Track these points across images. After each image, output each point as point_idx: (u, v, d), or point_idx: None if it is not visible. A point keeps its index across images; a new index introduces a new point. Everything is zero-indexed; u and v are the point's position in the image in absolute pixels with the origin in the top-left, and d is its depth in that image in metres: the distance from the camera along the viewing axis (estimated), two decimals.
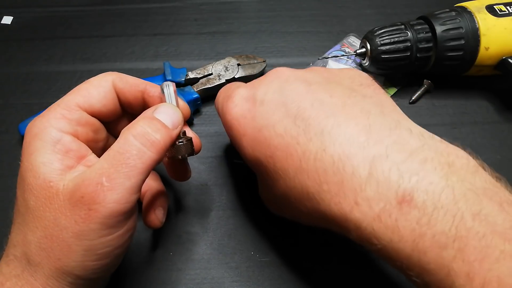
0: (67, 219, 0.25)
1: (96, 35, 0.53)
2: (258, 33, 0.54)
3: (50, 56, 0.51)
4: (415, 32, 0.43)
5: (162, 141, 0.27)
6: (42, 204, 0.25)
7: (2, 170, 0.43)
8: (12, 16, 0.55)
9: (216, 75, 0.47)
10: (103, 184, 0.24)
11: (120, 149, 0.26)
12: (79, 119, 0.29)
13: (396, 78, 0.49)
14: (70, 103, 0.29)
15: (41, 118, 0.28)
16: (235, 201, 0.41)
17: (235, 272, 0.37)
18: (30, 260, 0.25)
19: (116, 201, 0.25)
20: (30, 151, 0.27)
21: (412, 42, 0.43)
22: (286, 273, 0.37)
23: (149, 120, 0.27)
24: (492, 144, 0.45)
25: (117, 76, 0.31)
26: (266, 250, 0.38)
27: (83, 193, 0.25)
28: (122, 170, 0.25)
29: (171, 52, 0.52)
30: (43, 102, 0.47)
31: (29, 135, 0.27)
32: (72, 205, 0.25)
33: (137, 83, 0.32)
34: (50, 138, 0.27)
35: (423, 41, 0.43)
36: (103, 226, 0.25)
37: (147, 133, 0.26)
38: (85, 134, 0.29)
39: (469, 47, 0.42)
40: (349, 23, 0.54)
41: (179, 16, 0.55)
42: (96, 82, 0.31)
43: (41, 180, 0.26)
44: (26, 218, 0.26)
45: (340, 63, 0.50)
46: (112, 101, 0.31)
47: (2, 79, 0.49)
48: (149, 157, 0.26)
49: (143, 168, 0.26)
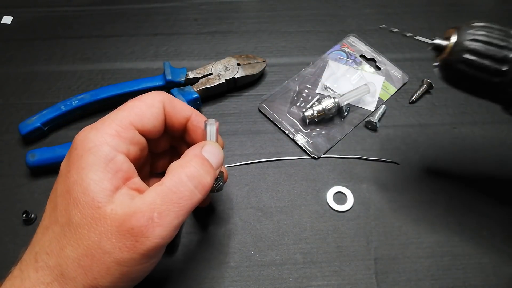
0: (112, 245, 0.25)
1: (96, 35, 0.53)
2: (258, 33, 0.54)
3: (50, 56, 0.51)
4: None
5: (211, 183, 0.28)
6: (88, 223, 0.26)
7: (2, 170, 0.43)
8: (12, 16, 0.55)
9: (216, 75, 0.47)
10: (154, 220, 0.25)
11: (174, 188, 0.27)
12: (132, 138, 0.29)
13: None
14: (125, 121, 0.29)
15: (95, 132, 0.28)
16: (235, 201, 0.41)
17: (235, 271, 0.37)
18: (65, 273, 0.25)
19: (162, 237, 0.26)
20: (82, 165, 0.26)
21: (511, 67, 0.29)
22: (286, 273, 0.37)
23: (201, 161, 0.28)
24: (492, 144, 0.44)
25: (167, 98, 0.32)
26: (266, 250, 0.38)
27: (133, 225, 0.25)
28: (173, 209, 0.26)
29: (171, 52, 0.52)
30: (43, 102, 0.47)
31: (81, 147, 0.27)
32: (120, 234, 0.25)
33: (184, 109, 0.32)
34: (104, 156, 0.27)
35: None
36: (144, 256, 0.26)
37: (200, 175, 0.28)
38: (134, 153, 0.30)
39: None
40: (349, 23, 0.54)
41: (179, 16, 0.55)
42: (149, 102, 0.31)
43: (90, 198, 0.26)
44: (67, 232, 0.26)
45: (340, 63, 0.50)
46: (161, 122, 0.31)
47: (2, 79, 0.49)
48: (198, 199, 0.27)
49: (191, 208, 0.27)
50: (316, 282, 0.37)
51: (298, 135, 0.45)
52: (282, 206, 0.41)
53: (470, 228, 0.40)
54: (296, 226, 0.40)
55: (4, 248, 0.38)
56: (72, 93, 0.48)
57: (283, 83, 0.49)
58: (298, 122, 0.46)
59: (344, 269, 0.37)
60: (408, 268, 0.37)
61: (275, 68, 0.50)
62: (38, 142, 0.44)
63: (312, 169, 0.43)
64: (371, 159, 0.43)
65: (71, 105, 0.44)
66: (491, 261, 0.38)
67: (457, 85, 0.32)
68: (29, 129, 0.43)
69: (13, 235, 0.39)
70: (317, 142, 0.44)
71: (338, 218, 0.40)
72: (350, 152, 0.44)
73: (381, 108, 0.47)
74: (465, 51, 0.29)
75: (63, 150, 0.41)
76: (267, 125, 0.46)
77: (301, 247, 0.39)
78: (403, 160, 0.43)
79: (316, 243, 0.39)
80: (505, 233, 0.39)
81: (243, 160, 0.43)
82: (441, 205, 0.41)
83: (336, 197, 0.41)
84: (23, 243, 0.38)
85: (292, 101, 0.47)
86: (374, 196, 0.41)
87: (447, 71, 0.31)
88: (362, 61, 0.50)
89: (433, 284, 0.37)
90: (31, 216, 0.40)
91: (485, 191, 0.41)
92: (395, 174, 0.43)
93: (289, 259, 0.38)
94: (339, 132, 0.45)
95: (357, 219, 0.40)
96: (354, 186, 0.42)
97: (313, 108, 0.44)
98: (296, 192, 0.42)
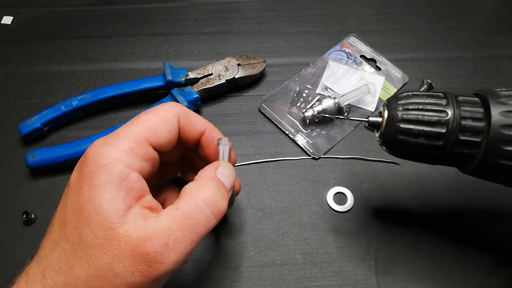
0: (124, 269, 0.25)
1: (96, 35, 0.53)
2: (258, 33, 0.54)
3: (50, 56, 0.51)
4: (460, 114, 0.28)
5: (226, 207, 0.28)
6: (100, 244, 0.25)
7: (2, 170, 0.43)
8: (12, 16, 0.55)
9: (216, 75, 0.47)
10: (168, 246, 0.25)
11: (191, 214, 0.26)
12: (146, 154, 0.28)
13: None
14: (139, 136, 0.28)
15: (109, 147, 0.27)
16: (235, 201, 0.41)
17: (235, 272, 0.37)
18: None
19: (176, 263, 0.25)
20: (95, 182, 0.26)
21: (451, 129, 0.28)
22: (287, 274, 0.37)
23: (217, 185, 0.28)
24: None
25: (182, 112, 0.31)
26: (267, 250, 0.38)
27: (148, 251, 0.25)
28: (188, 236, 0.26)
29: (171, 52, 0.52)
30: (43, 102, 0.47)
31: (94, 164, 0.26)
32: (133, 258, 0.24)
33: (199, 123, 0.32)
34: (117, 174, 0.26)
35: (468, 132, 0.28)
36: (156, 281, 0.25)
37: (217, 200, 0.27)
38: (146, 170, 0.29)
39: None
40: (349, 23, 0.54)
41: (179, 16, 0.55)
42: (164, 115, 0.30)
43: (103, 218, 0.25)
44: (77, 251, 0.25)
45: (340, 63, 0.50)
46: (175, 136, 0.31)
47: (2, 79, 0.49)
48: (213, 224, 0.27)
49: (205, 234, 0.27)
50: (316, 283, 0.37)
51: (298, 136, 0.45)
52: (282, 207, 0.41)
53: (470, 228, 0.40)
54: (296, 226, 0.40)
55: (4, 249, 0.38)
56: (72, 93, 0.48)
57: (283, 83, 0.49)
58: (298, 123, 0.46)
59: (344, 270, 0.37)
60: (408, 268, 0.37)
61: (275, 68, 0.50)
62: (38, 143, 0.44)
63: (312, 170, 0.43)
64: (371, 159, 0.43)
65: (71, 105, 0.44)
66: (491, 261, 0.38)
67: (404, 158, 0.31)
68: (29, 129, 0.43)
69: (13, 235, 0.39)
70: (317, 143, 0.44)
71: (338, 219, 0.40)
72: (350, 153, 0.44)
73: None
74: (398, 132, 0.29)
75: (63, 150, 0.41)
76: (267, 126, 0.46)
77: (301, 248, 0.39)
78: (403, 160, 0.43)
79: (316, 244, 0.39)
80: (504, 232, 0.39)
81: (243, 161, 0.43)
82: (442, 205, 0.41)
83: (336, 198, 0.41)
84: (23, 244, 0.39)
85: (292, 101, 0.47)
86: (374, 196, 0.41)
87: (388, 147, 0.31)
88: (362, 62, 0.50)
89: (433, 285, 0.37)
90: (31, 217, 0.40)
91: (485, 191, 0.41)
92: (395, 174, 0.43)
93: (289, 259, 0.38)
94: (339, 133, 0.45)
95: (357, 220, 0.40)
96: (354, 187, 0.42)
97: (313, 108, 0.44)
98: (296, 192, 0.42)
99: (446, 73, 0.50)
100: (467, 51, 0.52)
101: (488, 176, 0.30)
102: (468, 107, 0.28)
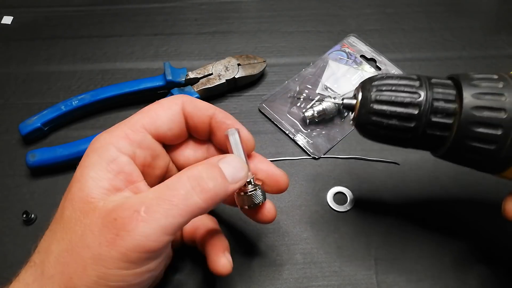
0: (93, 238, 0.24)
1: (96, 35, 0.53)
2: (258, 33, 0.54)
3: (50, 56, 0.51)
4: (432, 96, 0.28)
5: (213, 191, 0.26)
6: (76, 216, 0.25)
7: (2, 170, 0.43)
8: (12, 16, 0.55)
9: (217, 75, 0.47)
10: (139, 213, 0.23)
11: (170, 185, 0.25)
12: (141, 141, 0.28)
13: None
14: (137, 124, 0.29)
15: (106, 133, 0.28)
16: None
17: (235, 272, 0.37)
18: (45, 271, 0.24)
19: (145, 235, 0.23)
20: (86, 164, 0.26)
21: (423, 110, 0.28)
22: (287, 273, 0.37)
23: (209, 167, 0.27)
24: None
25: (188, 99, 0.30)
26: (266, 250, 0.38)
27: (117, 215, 0.24)
28: (163, 206, 0.24)
29: (171, 52, 0.52)
30: (43, 102, 0.47)
31: (90, 148, 0.27)
32: (103, 225, 0.24)
33: (206, 108, 0.30)
34: (106, 156, 0.26)
35: (440, 114, 0.28)
36: (124, 257, 0.23)
37: (201, 177, 0.25)
38: (142, 158, 0.28)
39: (507, 143, 0.27)
40: (349, 23, 0.54)
41: (180, 16, 0.55)
42: (166, 104, 0.30)
43: (84, 194, 0.25)
44: (56, 227, 0.26)
45: (341, 63, 0.50)
46: (179, 125, 0.30)
47: (2, 79, 0.49)
48: (194, 202, 0.25)
49: (184, 211, 0.24)
50: (316, 283, 0.37)
51: (299, 135, 0.45)
52: (282, 206, 0.41)
53: (470, 228, 0.40)
54: (296, 226, 0.40)
55: (4, 248, 0.38)
56: (72, 93, 0.48)
57: (284, 83, 0.49)
58: (299, 122, 0.46)
59: (344, 270, 0.37)
60: (409, 268, 0.37)
61: (275, 68, 0.50)
62: (38, 142, 0.44)
63: (312, 170, 0.43)
64: (371, 159, 0.43)
65: (71, 105, 0.44)
66: (491, 261, 0.38)
67: (377, 141, 0.31)
68: (29, 129, 0.43)
69: (13, 235, 0.39)
70: (317, 143, 0.44)
71: (338, 218, 0.40)
72: (351, 153, 0.44)
73: None
74: (371, 113, 0.28)
75: (63, 150, 0.41)
76: (267, 125, 0.46)
77: (301, 248, 0.39)
78: (403, 160, 0.43)
79: (316, 243, 0.39)
80: (509, 235, 0.39)
81: None
82: (442, 205, 0.41)
83: (336, 198, 0.41)
84: (23, 243, 0.39)
85: (292, 101, 0.47)
86: (374, 196, 0.41)
87: (362, 129, 0.30)
88: (363, 61, 0.50)
89: (433, 285, 0.37)
90: (31, 216, 0.40)
91: (485, 191, 0.41)
92: (395, 174, 0.43)
93: (289, 259, 0.38)
94: (340, 133, 0.45)
95: (357, 219, 0.40)
96: (354, 187, 0.42)
97: (313, 108, 0.44)
98: (296, 192, 0.42)
99: (446, 73, 0.49)
100: (467, 51, 0.52)
101: (459, 159, 0.29)
102: (441, 89, 0.28)
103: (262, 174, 0.31)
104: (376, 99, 0.28)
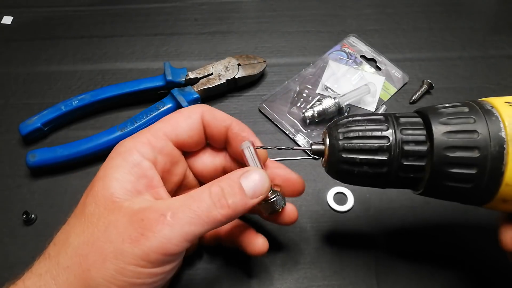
0: (117, 234, 0.25)
1: (96, 35, 0.53)
2: (258, 33, 0.54)
3: (50, 56, 0.51)
4: (402, 139, 0.27)
5: (232, 207, 0.27)
6: (99, 212, 0.26)
7: (2, 170, 0.43)
8: (12, 16, 0.55)
9: (217, 75, 0.47)
10: (166, 217, 0.25)
11: (195, 196, 0.27)
12: (162, 148, 0.30)
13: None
14: (159, 131, 0.30)
15: (130, 139, 0.30)
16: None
17: (235, 272, 0.37)
18: (60, 262, 0.25)
19: (168, 239, 0.25)
20: (110, 165, 0.28)
21: (393, 156, 0.27)
22: (287, 273, 0.37)
23: (231, 183, 0.28)
24: None
25: (207, 109, 0.32)
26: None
27: (145, 216, 0.25)
28: (188, 214, 0.26)
29: (172, 52, 0.52)
30: (43, 102, 0.47)
31: (115, 151, 0.29)
32: (129, 223, 0.25)
33: (224, 118, 0.32)
34: (131, 160, 0.28)
35: (411, 157, 0.27)
36: (145, 256, 0.25)
37: (222, 195, 0.27)
38: (162, 164, 0.30)
39: (486, 166, 0.25)
40: (350, 23, 0.54)
41: (180, 16, 0.55)
42: (186, 113, 0.32)
43: (109, 193, 0.26)
44: (76, 221, 0.27)
45: (341, 63, 0.50)
46: (198, 132, 0.32)
47: (2, 79, 0.49)
48: (214, 216, 0.27)
49: (206, 222, 0.26)
50: (316, 283, 0.37)
51: (299, 136, 0.45)
52: None
53: (470, 228, 0.40)
54: (297, 226, 0.40)
55: (4, 249, 0.38)
56: (72, 93, 0.48)
57: (284, 83, 0.49)
58: (299, 123, 0.46)
59: (344, 269, 0.37)
60: (409, 268, 0.37)
61: (276, 68, 0.50)
62: (39, 143, 0.44)
63: (313, 170, 0.43)
64: None
65: (71, 105, 0.44)
66: (491, 261, 0.38)
67: (352, 184, 0.30)
68: (30, 129, 0.43)
69: (13, 235, 0.39)
70: None
71: (338, 219, 0.40)
72: None
73: (381, 108, 0.47)
74: (340, 162, 0.28)
75: (63, 150, 0.41)
76: (268, 125, 0.46)
77: (302, 248, 0.39)
78: None
79: (316, 243, 0.39)
80: None
81: None
82: (442, 205, 0.41)
83: (337, 198, 0.41)
84: (23, 244, 0.39)
85: (292, 101, 0.47)
86: (374, 196, 0.41)
87: (333, 176, 0.30)
88: (363, 61, 0.50)
89: (433, 285, 0.37)
90: (31, 217, 0.40)
91: None
92: None
93: (290, 259, 0.38)
94: None
95: (357, 219, 0.40)
96: (354, 187, 0.42)
97: (313, 108, 0.44)
98: None
99: (446, 73, 0.50)
100: (467, 51, 0.52)
101: (439, 196, 0.28)
102: (410, 130, 0.27)
103: (279, 180, 0.33)
104: (344, 148, 0.27)
